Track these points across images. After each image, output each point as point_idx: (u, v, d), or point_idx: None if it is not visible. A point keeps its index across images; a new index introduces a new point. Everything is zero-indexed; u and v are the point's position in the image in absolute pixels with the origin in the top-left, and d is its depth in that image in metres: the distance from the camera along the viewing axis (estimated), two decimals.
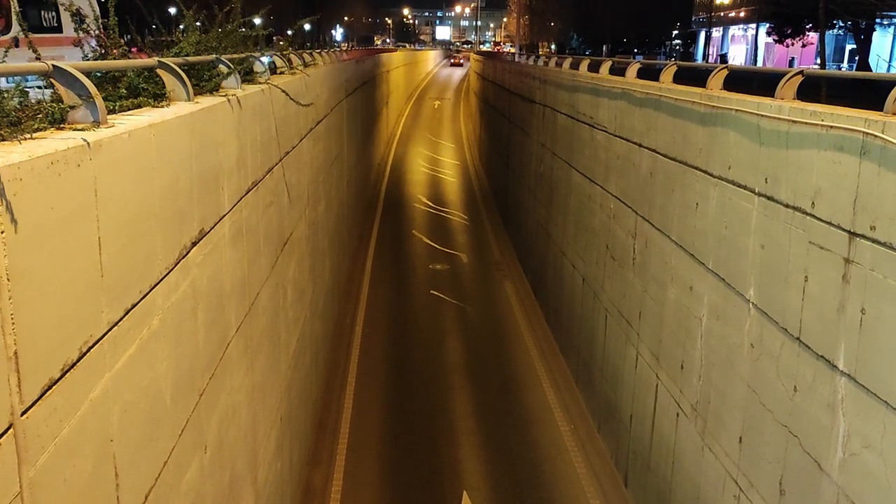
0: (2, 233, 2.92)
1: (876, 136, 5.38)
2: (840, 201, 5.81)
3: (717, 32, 65.75)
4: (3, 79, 4.24)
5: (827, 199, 6.02)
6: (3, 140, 3.45)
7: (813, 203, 6.21)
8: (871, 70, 32.57)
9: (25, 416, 3.10)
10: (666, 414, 9.84)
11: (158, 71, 5.77)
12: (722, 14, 62.34)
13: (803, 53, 43.48)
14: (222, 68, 7.24)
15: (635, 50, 66.36)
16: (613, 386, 12.39)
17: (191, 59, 6.78)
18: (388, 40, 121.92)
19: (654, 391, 10.27)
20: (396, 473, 12.51)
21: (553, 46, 68.83)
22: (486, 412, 14.52)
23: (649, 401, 10.47)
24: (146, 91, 5.67)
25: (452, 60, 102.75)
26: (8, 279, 2.96)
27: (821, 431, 6.04)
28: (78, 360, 3.55)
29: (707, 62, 52.21)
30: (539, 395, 15.18)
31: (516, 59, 29.84)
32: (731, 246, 7.83)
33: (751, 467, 7.35)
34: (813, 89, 8.09)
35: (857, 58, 36.23)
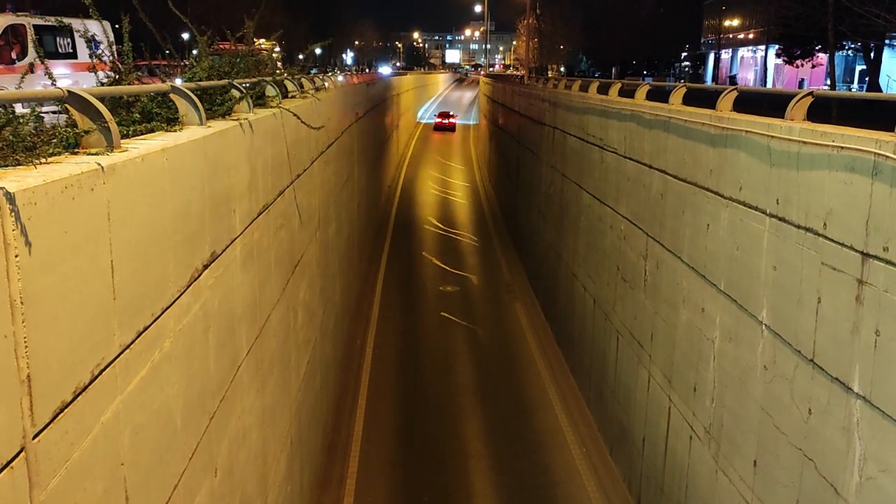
0: (16, 256, 2.95)
1: (887, 156, 5.36)
2: (852, 222, 5.78)
3: (726, 54, 65.98)
4: (20, 104, 4.30)
5: (839, 219, 5.99)
6: (19, 165, 3.49)
7: (825, 224, 6.18)
8: (881, 90, 32.55)
9: (37, 439, 3.10)
10: (679, 437, 9.74)
11: (171, 96, 5.84)
12: (731, 36, 62.56)
13: (813, 74, 43.52)
14: (234, 93, 7.32)
15: (644, 72, 66.63)
16: (626, 408, 12.29)
17: (203, 83, 6.86)
18: (398, 63, 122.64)
19: (667, 414, 10.18)
20: (406, 497, 12.41)
21: (562, 69, 69.21)
22: (497, 435, 14.41)
23: (662, 423, 10.37)
24: (159, 115, 5.73)
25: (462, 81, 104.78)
26: (22, 302, 2.97)
27: (836, 455, 5.96)
28: (90, 383, 3.56)
29: (716, 84, 52.27)
30: (550, 418, 15.07)
31: (525, 82, 29.98)
32: (743, 267, 7.79)
33: (766, 491, 7.25)
34: (823, 110, 8.08)
35: (867, 78, 36.21)
